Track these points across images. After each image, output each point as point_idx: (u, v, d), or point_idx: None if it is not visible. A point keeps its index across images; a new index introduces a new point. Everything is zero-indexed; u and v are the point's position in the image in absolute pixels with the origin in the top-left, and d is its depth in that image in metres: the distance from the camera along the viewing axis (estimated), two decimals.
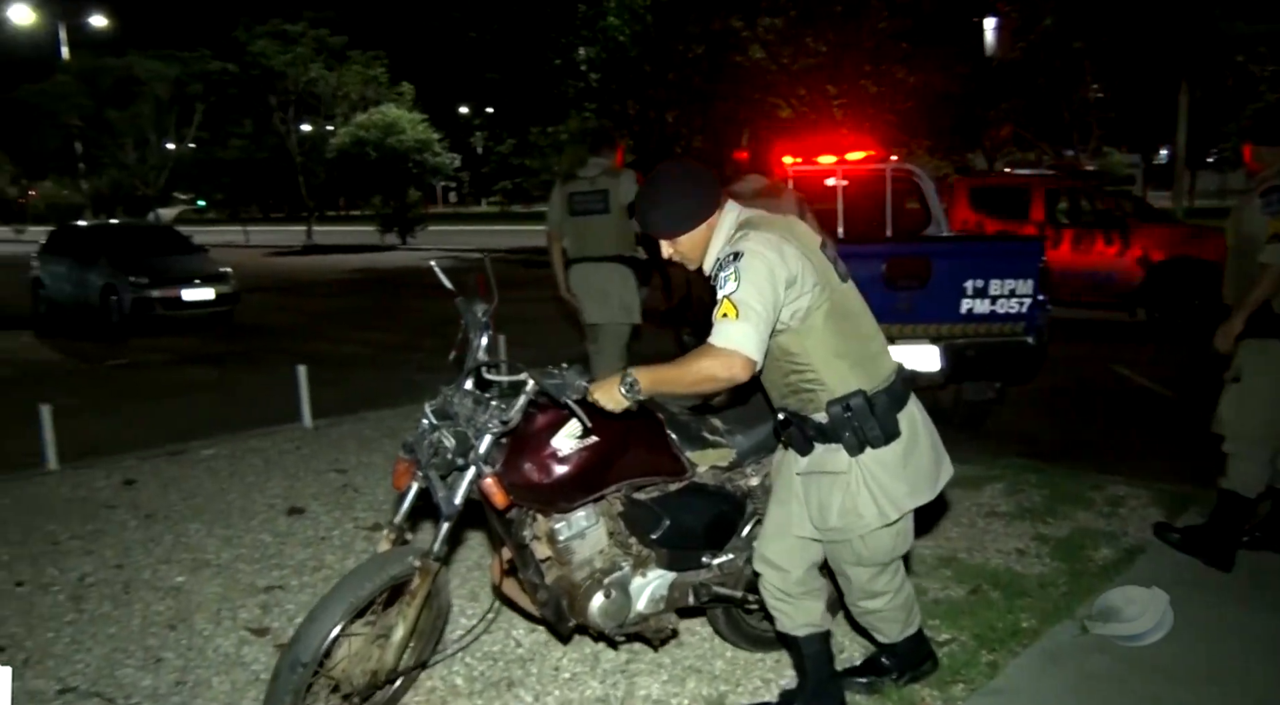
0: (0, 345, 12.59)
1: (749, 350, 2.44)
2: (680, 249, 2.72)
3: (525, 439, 2.74)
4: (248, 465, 5.96)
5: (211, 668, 3.45)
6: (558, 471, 2.74)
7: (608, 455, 2.80)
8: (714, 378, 2.47)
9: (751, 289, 2.46)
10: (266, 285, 20.27)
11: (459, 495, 2.70)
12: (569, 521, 2.86)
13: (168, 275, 13.83)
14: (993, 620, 3.65)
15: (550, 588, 2.88)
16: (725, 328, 2.46)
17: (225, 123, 39.43)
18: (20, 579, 4.29)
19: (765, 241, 2.55)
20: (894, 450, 2.69)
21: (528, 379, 2.64)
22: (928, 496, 2.79)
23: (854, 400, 2.64)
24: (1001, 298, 5.61)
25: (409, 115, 37.77)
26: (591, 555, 2.91)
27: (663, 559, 2.98)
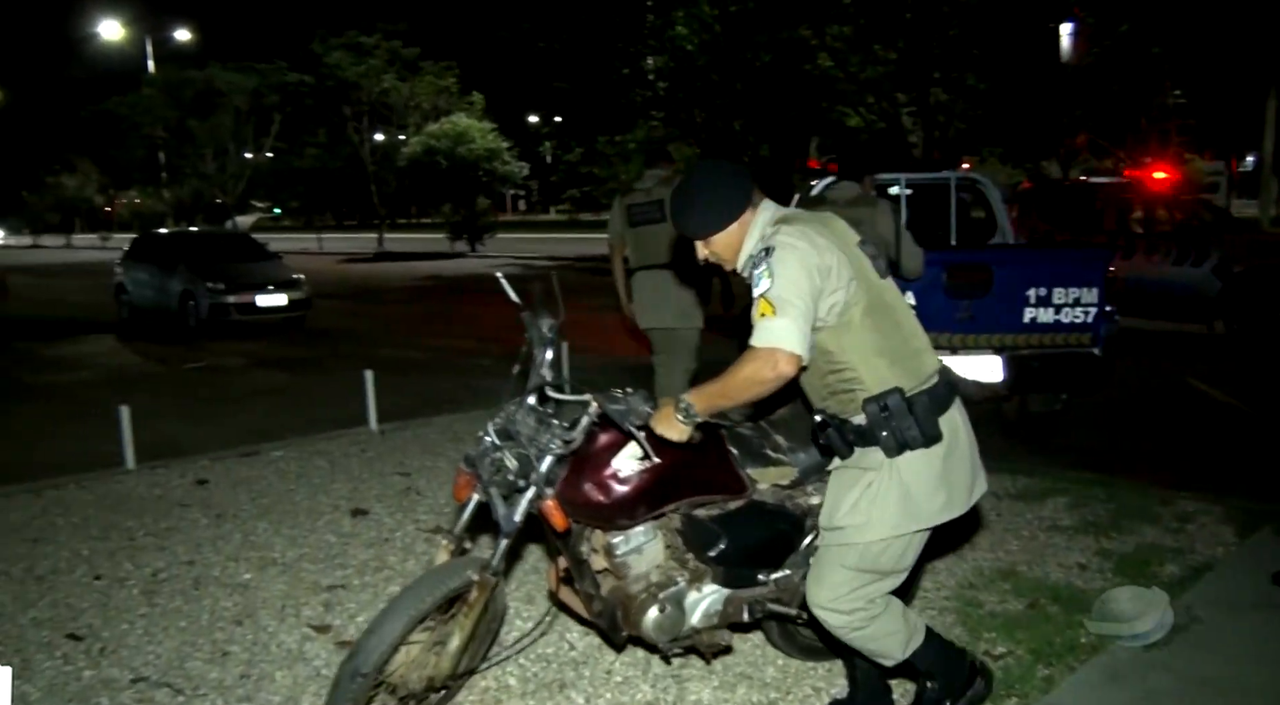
0: (85, 349, 13.05)
1: (791, 345, 2.39)
2: (714, 249, 2.67)
3: (586, 458, 2.73)
4: (314, 467, 6.11)
5: (275, 662, 3.56)
6: (617, 491, 2.73)
7: (668, 475, 2.77)
8: (762, 380, 2.42)
9: (786, 283, 2.41)
10: (338, 291, 20.69)
11: (519, 513, 2.72)
12: (627, 537, 2.85)
13: (243, 281, 14.22)
14: (1050, 635, 3.60)
15: (605, 599, 2.90)
16: (764, 326, 2.41)
17: (301, 133, 40.39)
18: (99, 573, 4.46)
19: (797, 234, 2.50)
20: (933, 454, 2.58)
21: (591, 402, 2.63)
22: (959, 510, 2.66)
23: (890, 399, 2.54)
24: (1066, 306, 5.53)
25: (479, 124, 38.31)
26: (648, 570, 2.90)
27: (719, 576, 2.95)
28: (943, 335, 5.74)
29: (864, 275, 2.57)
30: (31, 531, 5.04)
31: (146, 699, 3.32)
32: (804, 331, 2.41)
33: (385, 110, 39.17)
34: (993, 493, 5.28)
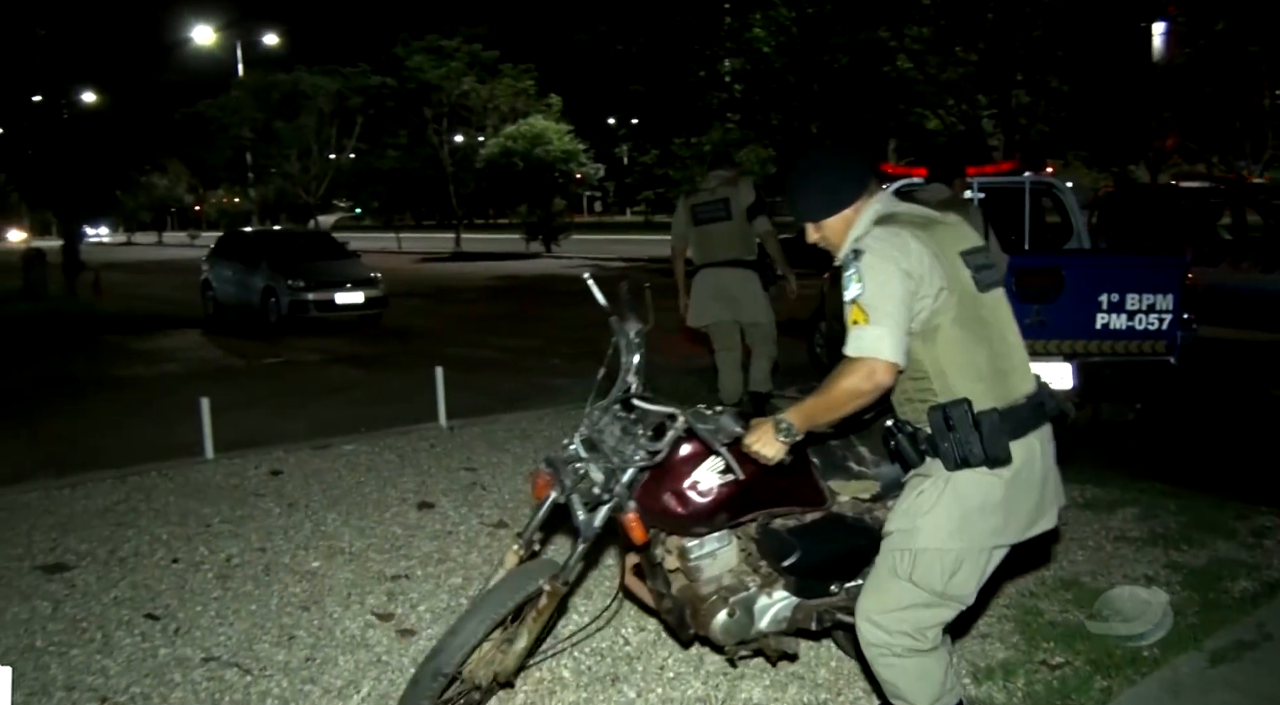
0: (171, 343, 13.50)
1: (887, 353, 2.31)
2: (825, 234, 2.60)
3: (667, 469, 2.68)
4: (384, 461, 6.25)
5: (339, 647, 3.66)
6: (697, 503, 2.69)
7: (749, 487, 2.70)
8: (860, 392, 2.34)
9: (877, 289, 2.33)
10: (415, 290, 21.06)
11: (598, 521, 2.69)
12: (701, 542, 2.84)
13: (322, 279, 14.59)
14: (1111, 646, 3.53)
15: (675, 598, 2.90)
16: (858, 335, 2.34)
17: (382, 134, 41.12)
18: (176, 556, 4.63)
19: (889, 236, 2.40)
20: (995, 477, 2.42)
21: (679, 416, 2.57)
22: (1010, 539, 2.53)
23: (955, 410, 2.40)
24: (1140, 313, 5.42)
25: (556, 126, 38.66)
26: (720, 573, 2.88)
27: (791, 586, 2.91)
28: None
29: (959, 285, 2.43)
30: (115, 516, 5.25)
31: (216, 677, 3.44)
32: (899, 338, 2.33)
33: (464, 112, 39.77)
34: None
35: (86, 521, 5.16)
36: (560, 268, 28.87)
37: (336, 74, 37.47)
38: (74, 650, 3.68)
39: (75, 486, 5.79)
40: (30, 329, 14.45)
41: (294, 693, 3.33)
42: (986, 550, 2.51)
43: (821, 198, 2.57)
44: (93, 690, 3.37)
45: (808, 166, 2.62)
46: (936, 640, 2.57)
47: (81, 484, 5.84)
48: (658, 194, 44.66)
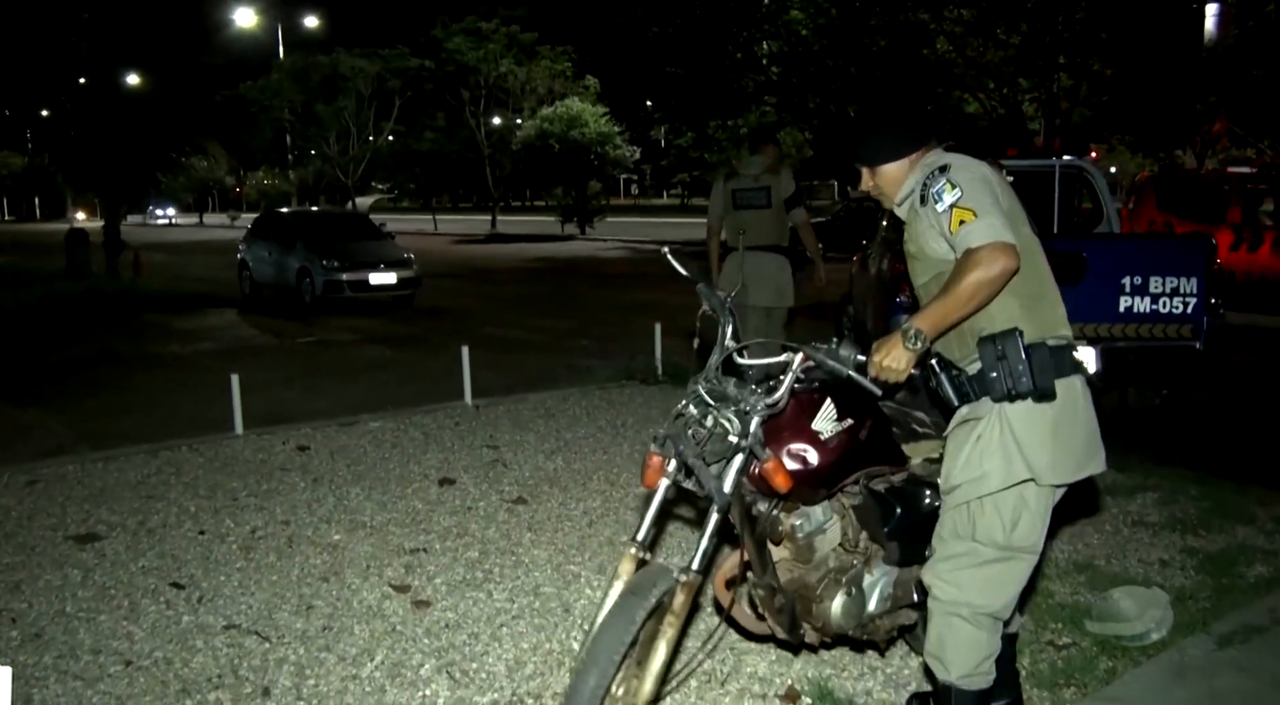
0: (209, 322, 13.72)
1: (1006, 236, 2.32)
2: (880, 181, 2.66)
3: (784, 426, 2.62)
4: (409, 438, 6.34)
5: (355, 617, 3.75)
6: (819, 458, 2.63)
7: (857, 439, 2.71)
8: (989, 280, 2.32)
9: (973, 189, 2.39)
10: (449, 271, 21.21)
11: (729, 482, 2.49)
12: (809, 516, 2.78)
13: (357, 260, 14.76)
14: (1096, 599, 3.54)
15: (786, 591, 2.79)
16: (970, 230, 2.34)
17: (420, 116, 41.41)
18: (203, 528, 4.74)
19: (968, 160, 2.51)
20: (1043, 413, 2.43)
21: (796, 356, 2.50)
22: (1065, 477, 2.49)
23: (1007, 340, 2.41)
24: (1163, 296, 5.36)
25: (592, 109, 38.65)
26: (828, 553, 2.85)
27: (892, 554, 2.87)
28: None
29: (1018, 219, 2.49)
30: (146, 488, 5.38)
31: (236, 644, 3.54)
32: (1007, 226, 2.35)
33: (502, 94, 39.90)
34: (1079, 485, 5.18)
35: (118, 494, 5.30)
36: (595, 250, 28.95)
37: (375, 56, 37.76)
38: (102, 616, 3.79)
39: (109, 460, 5.93)
40: (72, 307, 14.73)
41: (310, 660, 3.42)
42: (1047, 490, 2.50)
43: (886, 143, 2.63)
44: (118, 654, 3.48)
45: (875, 112, 2.79)
46: (1006, 611, 2.59)
47: (115, 458, 5.98)
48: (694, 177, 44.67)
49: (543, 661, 3.38)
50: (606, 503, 5.02)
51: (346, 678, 3.29)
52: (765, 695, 3.15)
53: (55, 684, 3.27)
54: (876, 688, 3.18)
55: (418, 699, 3.14)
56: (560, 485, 5.33)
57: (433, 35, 38.02)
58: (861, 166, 2.68)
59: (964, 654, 2.56)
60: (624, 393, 7.68)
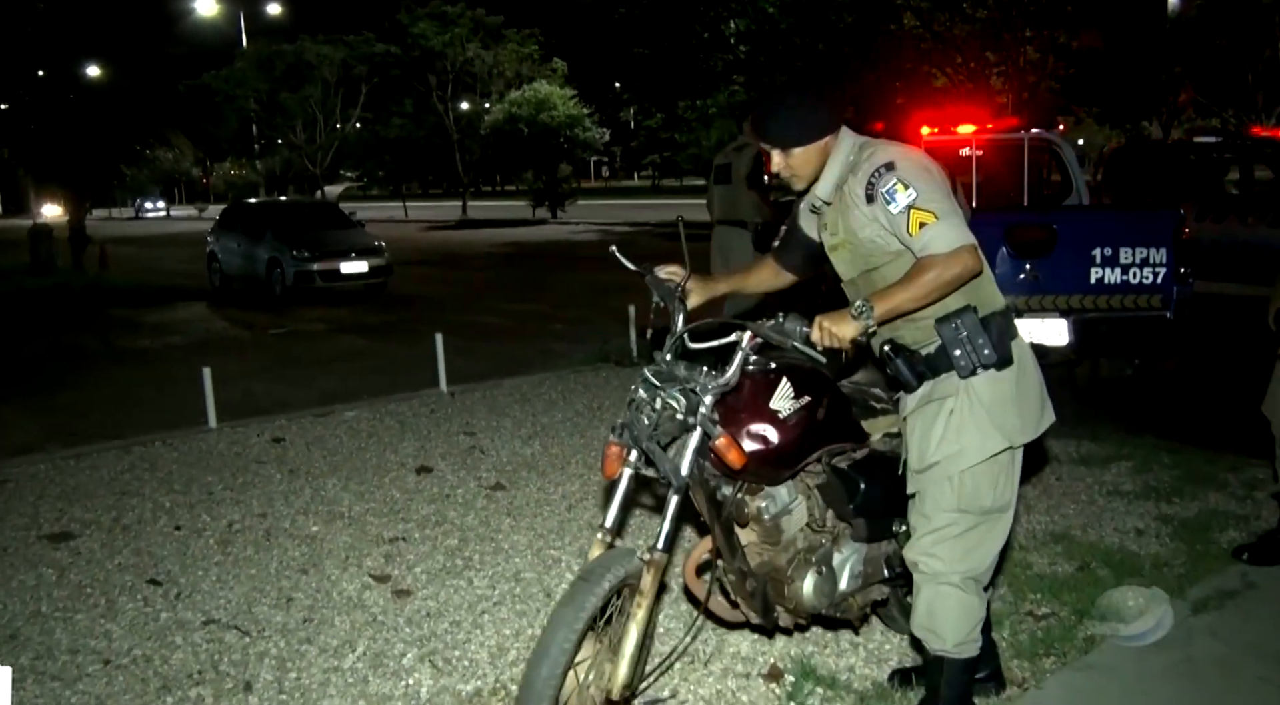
0: (178, 315, 13.58)
1: (968, 238, 2.37)
2: (792, 163, 2.59)
3: (741, 407, 2.62)
4: (385, 427, 6.31)
5: (335, 609, 3.73)
6: (778, 436, 2.62)
7: (815, 418, 2.70)
8: (951, 279, 2.37)
9: (928, 188, 2.39)
10: (421, 258, 21.07)
11: (686, 462, 2.50)
12: (773, 498, 2.77)
13: (327, 249, 14.63)
14: (1097, 597, 3.57)
15: (757, 575, 2.78)
16: (933, 234, 2.35)
17: (387, 103, 41.02)
18: (179, 524, 4.70)
19: (910, 150, 2.51)
20: (1005, 377, 2.51)
21: (744, 334, 2.50)
22: (1031, 434, 2.59)
23: (964, 317, 2.45)
24: (1133, 267, 5.40)
25: (560, 91, 38.46)
26: (795, 534, 2.83)
27: (860, 531, 2.87)
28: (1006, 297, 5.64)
29: (953, 196, 2.51)
30: (120, 485, 5.33)
31: (216, 640, 3.51)
32: (964, 224, 2.40)
33: (469, 79, 39.63)
34: (1054, 457, 5.23)
35: (92, 491, 5.24)
36: (567, 234, 28.84)
37: (340, 43, 37.34)
38: (78, 615, 3.75)
39: (81, 457, 5.86)
40: (38, 303, 14.55)
41: (291, 653, 3.40)
42: (1017, 450, 2.59)
43: (798, 125, 2.56)
44: (96, 653, 3.45)
45: (785, 93, 2.65)
46: (989, 572, 2.67)
47: (87, 455, 5.91)
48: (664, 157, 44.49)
49: (525, 647, 3.37)
50: (585, 487, 5.02)
51: (329, 670, 3.27)
52: (749, 675, 3.16)
53: (33, 685, 3.23)
54: (859, 664, 3.20)
55: (401, 689, 3.13)
56: (538, 470, 5.32)
57: (398, 20, 37.62)
58: (772, 147, 2.61)
59: (957, 622, 2.60)
60: (599, 376, 7.66)
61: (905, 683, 3.01)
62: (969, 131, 7.19)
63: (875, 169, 2.45)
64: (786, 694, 3.03)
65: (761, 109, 2.67)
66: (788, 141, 2.57)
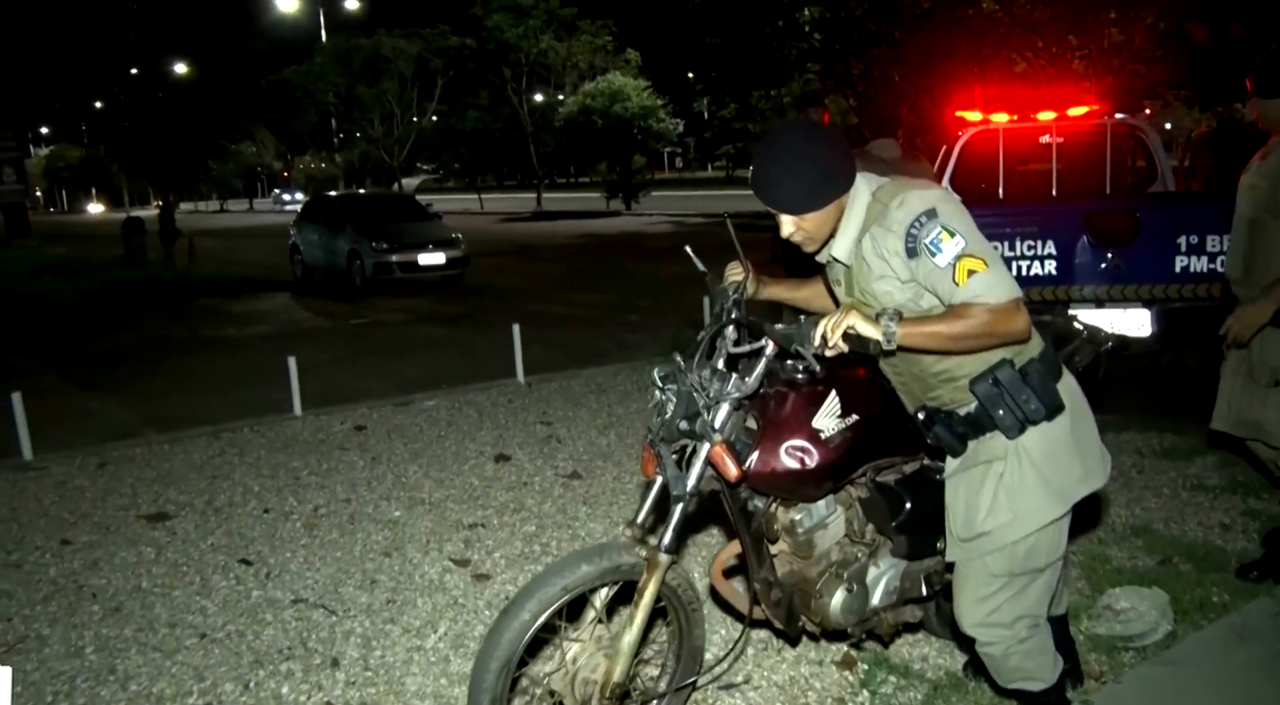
0: (262, 306, 13.95)
1: (1017, 290, 2.15)
2: (806, 227, 2.31)
3: (782, 422, 2.48)
4: (464, 416, 6.44)
5: (417, 591, 3.84)
6: (818, 456, 2.46)
7: (863, 434, 2.55)
8: (1001, 336, 2.15)
9: (973, 234, 2.15)
10: (496, 250, 21.31)
11: (693, 475, 2.41)
12: (810, 511, 2.64)
13: (405, 241, 14.90)
14: (1179, 592, 3.51)
15: (784, 584, 2.69)
16: (986, 281, 2.11)
17: (463, 95, 41.51)
18: (268, 507, 4.87)
19: (943, 193, 2.24)
20: (1060, 425, 2.30)
21: (768, 341, 2.35)
22: (1100, 480, 2.38)
23: (1001, 372, 2.26)
24: (1221, 255, 5.25)
25: (634, 83, 38.51)
26: (829, 547, 2.71)
27: (900, 547, 2.73)
28: (1087, 287, 5.57)
29: None
30: (211, 469, 5.53)
31: (304, 618, 3.65)
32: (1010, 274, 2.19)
33: (543, 71, 39.89)
34: (1136, 449, 5.15)
35: (185, 474, 5.45)
36: (641, 225, 28.93)
37: (416, 36, 37.89)
38: (176, 591, 3.93)
39: (174, 442, 6.10)
40: (131, 294, 15.06)
41: (375, 632, 3.51)
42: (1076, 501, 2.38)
43: (811, 189, 2.25)
44: (193, 627, 3.61)
45: (792, 151, 2.25)
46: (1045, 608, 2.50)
47: (180, 440, 6.15)
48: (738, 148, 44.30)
49: None
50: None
51: (411, 649, 3.38)
52: (822, 661, 3.19)
53: (136, 655, 3.40)
54: (932, 654, 3.21)
55: None
56: (614, 460, 5.39)
57: (472, 13, 38.06)
58: (781, 214, 2.31)
59: (1043, 658, 2.51)
60: None
61: (980, 673, 3.00)
62: (1049, 118, 7.05)
63: (915, 218, 2.17)
64: (860, 681, 3.05)
65: (765, 170, 2.28)
66: (805, 206, 2.28)
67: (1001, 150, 6.74)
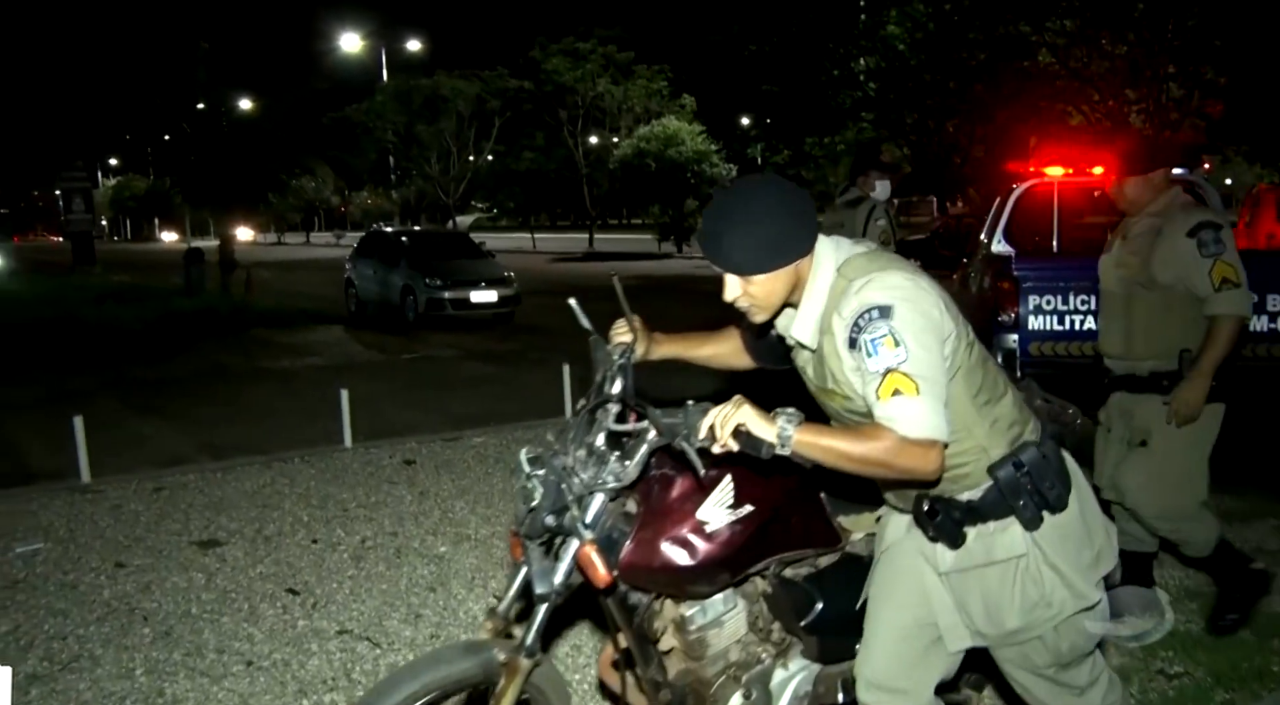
0: (316, 337, 14.18)
1: (942, 432, 1.87)
2: (752, 292, 2.01)
3: (663, 511, 2.18)
4: (511, 453, 6.46)
5: (461, 626, 3.86)
6: (704, 550, 2.17)
7: (762, 526, 2.24)
8: (902, 470, 1.88)
9: (923, 354, 1.87)
10: (547, 289, 21.45)
11: (560, 571, 2.12)
12: (703, 607, 2.32)
13: (458, 278, 15.10)
14: (1237, 659, 3.43)
15: (675, 686, 2.37)
16: (906, 410, 1.84)
17: (519, 136, 42.22)
18: (315, 537, 4.93)
19: (912, 285, 1.94)
20: (1071, 509, 2.12)
21: (645, 416, 2.06)
22: (1111, 561, 2.20)
23: (1026, 454, 2.06)
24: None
25: (688, 127, 38.87)
26: (727, 646, 2.37)
27: (812, 649, 2.42)
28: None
29: (958, 317, 2.05)
30: (262, 498, 5.61)
31: (348, 649, 3.68)
32: (945, 409, 1.90)
33: (599, 113, 40.43)
34: None
35: (236, 502, 5.54)
36: (692, 268, 29.01)
37: (475, 78, 38.65)
38: (224, 618, 3.98)
39: (227, 470, 6.20)
40: (189, 322, 15.37)
41: None
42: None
43: (758, 245, 1.97)
44: (239, 654, 3.65)
45: (742, 204, 2.00)
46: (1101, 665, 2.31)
47: (233, 468, 6.25)
48: None
49: None
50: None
51: None
52: None
53: (184, 679, 3.45)
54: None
55: None
56: None
57: (531, 56, 38.77)
58: (724, 272, 2.02)
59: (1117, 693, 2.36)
60: None
61: None
62: (1101, 173, 7.01)
63: (866, 310, 1.91)
64: None
65: (714, 220, 2.00)
66: (744, 267, 1.99)
67: (1056, 204, 6.71)
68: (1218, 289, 3.31)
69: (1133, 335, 3.52)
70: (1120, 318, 3.57)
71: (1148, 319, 3.47)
